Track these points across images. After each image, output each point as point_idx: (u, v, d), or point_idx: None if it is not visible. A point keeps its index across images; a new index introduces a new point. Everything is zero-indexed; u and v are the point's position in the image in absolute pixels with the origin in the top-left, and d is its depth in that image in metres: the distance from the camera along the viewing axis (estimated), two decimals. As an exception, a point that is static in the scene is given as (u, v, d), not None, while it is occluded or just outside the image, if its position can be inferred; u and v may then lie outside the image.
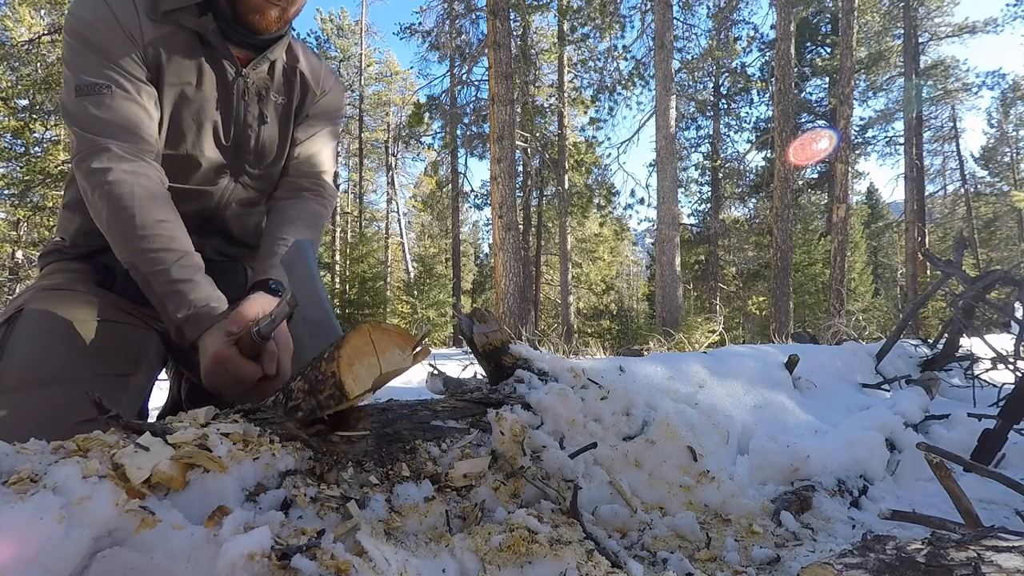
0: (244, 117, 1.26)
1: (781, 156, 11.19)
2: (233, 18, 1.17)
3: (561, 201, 16.96)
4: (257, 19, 1.17)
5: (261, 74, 1.28)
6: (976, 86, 20.05)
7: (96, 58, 1.09)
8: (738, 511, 1.13)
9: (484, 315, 1.37)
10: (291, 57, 1.35)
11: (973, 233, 23.18)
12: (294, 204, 1.36)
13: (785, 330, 10.29)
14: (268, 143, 1.32)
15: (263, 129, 1.29)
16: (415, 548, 0.69)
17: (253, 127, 1.28)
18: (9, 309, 1.16)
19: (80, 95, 1.08)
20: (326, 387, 0.79)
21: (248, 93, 1.26)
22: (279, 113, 1.33)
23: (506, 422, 1.01)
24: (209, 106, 1.21)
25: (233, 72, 1.22)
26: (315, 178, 1.42)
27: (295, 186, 1.40)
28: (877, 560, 0.71)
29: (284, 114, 1.34)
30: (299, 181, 1.40)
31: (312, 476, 0.76)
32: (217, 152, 1.25)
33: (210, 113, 1.22)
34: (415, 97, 19.19)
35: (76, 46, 1.10)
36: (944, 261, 3.42)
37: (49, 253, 1.29)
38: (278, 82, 1.32)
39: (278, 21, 1.20)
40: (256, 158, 1.31)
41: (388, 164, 25.63)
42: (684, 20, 15.58)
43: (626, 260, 31.47)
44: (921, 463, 1.54)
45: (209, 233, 1.32)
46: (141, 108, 1.11)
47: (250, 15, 1.16)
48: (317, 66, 1.41)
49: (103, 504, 0.55)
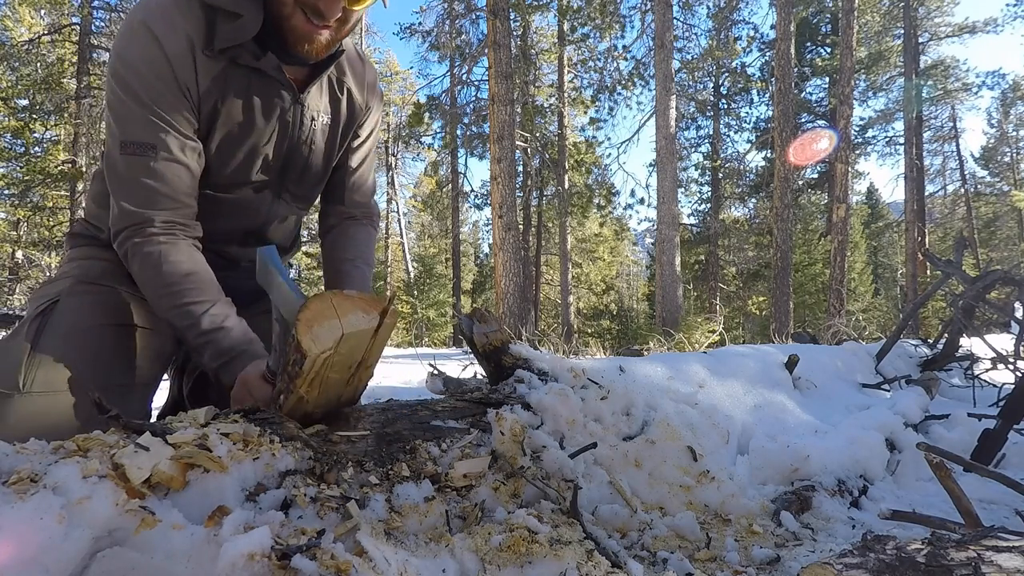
0: (296, 143, 1.24)
1: (781, 156, 11.19)
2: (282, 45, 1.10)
3: (561, 201, 16.95)
4: (307, 48, 1.08)
5: (314, 94, 1.23)
6: (976, 86, 20.04)
7: (143, 113, 1.04)
8: (738, 511, 1.13)
9: (484, 315, 1.37)
10: (338, 68, 1.27)
11: (973, 233, 23.17)
12: (353, 228, 1.42)
13: (785, 330, 10.29)
14: (314, 166, 1.30)
15: (311, 154, 1.27)
16: (415, 548, 0.69)
17: (303, 153, 1.26)
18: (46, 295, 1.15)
19: (125, 153, 1.05)
20: (290, 352, 0.82)
21: (304, 120, 1.22)
22: (326, 135, 1.29)
23: (506, 422, 1.01)
24: (262, 139, 1.19)
25: (290, 100, 1.18)
26: (367, 207, 1.45)
27: (349, 214, 1.43)
28: (877, 560, 0.71)
29: (331, 134, 1.30)
30: (353, 211, 1.43)
31: (312, 476, 0.76)
32: (262, 176, 1.24)
33: (263, 146, 1.19)
34: (415, 97, 19.17)
35: (123, 96, 1.04)
36: (944, 261, 3.42)
37: (80, 235, 1.29)
38: (326, 101, 1.28)
39: (329, 46, 1.11)
40: (299, 179, 1.30)
41: (388, 164, 25.62)
42: (684, 20, 15.57)
43: (626, 260, 31.46)
44: (921, 463, 1.54)
45: (251, 243, 1.34)
46: (185, 168, 1.09)
47: (299, 44, 1.08)
48: (362, 75, 1.33)
49: (103, 504, 0.55)
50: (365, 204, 1.45)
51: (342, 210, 1.42)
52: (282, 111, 1.18)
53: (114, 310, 1.17)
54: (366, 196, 1.45)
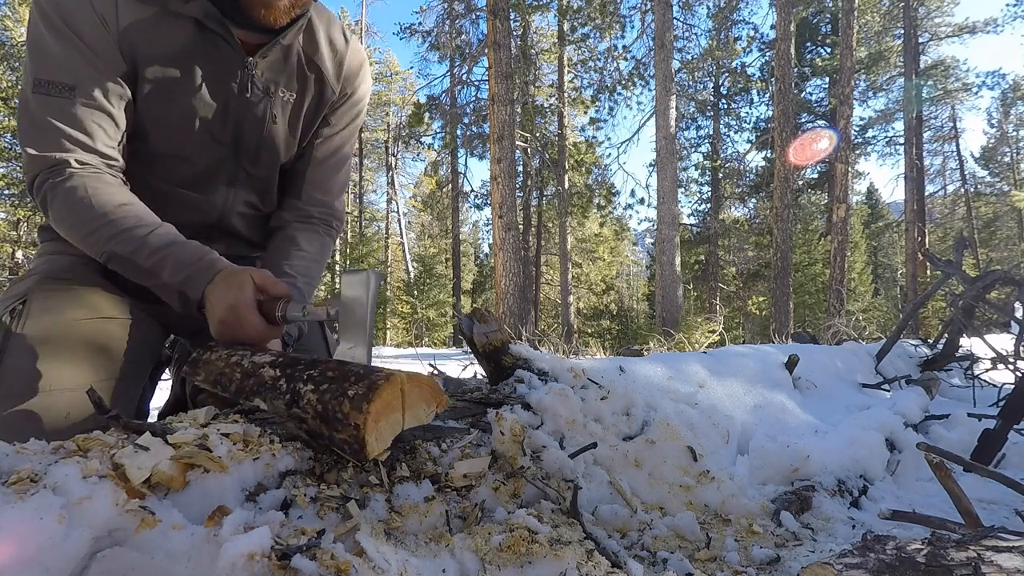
0: (246, 115, 1.11)
1: (781, 156, 11.19)
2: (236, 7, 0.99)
3: (561, 201, 16.96)
4: (263, 13, 0.99)
5: (272, 63, 1.10)
6: (976, 86, 20.06)
7: (61, 48, 0.94)
8: (738, 511, 1.13)
9: (484, 315, 1.37)
10: (310, 43, 1.14)
11: (973, 233, 23.19)
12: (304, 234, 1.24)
13: (785, 330, 10.29)
14: (270, 145, 1.16)
15: (268, 130, 1.14)
16: (415, 548, 0.69)
17: (256, 127, 1.12)
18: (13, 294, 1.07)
19: (39, 92, 0.94)
20: (344, 431, 0.71)
21: (253, 87, 1.09)
22: (287, 112, 1.16)
23: (506, 422, 1.01)
24: (201, 103, 1.05)
25: (237, 62, 1.05)
26: (326, 207, 1.29)
27: (305, 213, 1.27)
28: (877, 560, 0.71)
29: (293, 113, 1.17)
30: (309, 209, 1.27)
31: (312, 476, 0.76)
32: (210, 153, 1.12)
33: (202, 110, 1.06)
34: (415, 97, 19.19)
35: (41, 30, 0.95)
36: (944, 261, 3.42)
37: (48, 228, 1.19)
38: (290, 73, 1.13)
39: (290, 11, 1.01)
40: (254, 160, 1.17)
41: (388, 164, 25.62)
42: (684, 20, 15.58)
43: (626, 260, 31.47)
44: (921, 463, 1.54)
45: (219, 239, 1.23)
46: (107, 117, 0.99)
47: (255, 8, 0.98)
48: (341, 57, 1.19)
49: (103, 504, 0.55)
50: (325, 203, 1.28)
51: (297, 206, 1.27)
52: (225, 73, 1.05)
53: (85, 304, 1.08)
54: (329, 194, 1.28)
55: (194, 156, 1.11)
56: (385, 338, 21.40)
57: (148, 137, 1.07)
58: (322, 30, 1.17)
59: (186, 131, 1.08)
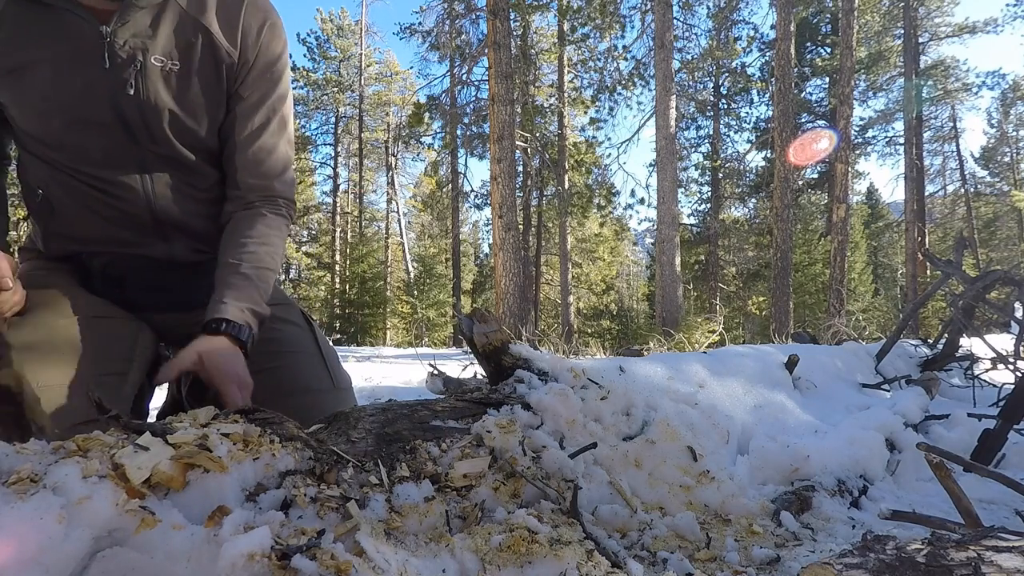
0: (116, 89, 1.02)
1: (781, 156, 11.19)
2: None
3: (561, 201, 16.95)
4: None
5: (138, 30, 1.01)
6: (976, 86, 20.06)
7: None
8: (738, 511, 1.13)
9: (484, 315, 1.37)
10: (196, 3, 1.05)
11: (973, 233, 23.18)
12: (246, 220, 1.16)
13: (785, 330, 10.29)
14: (155, 119, 1.06)
15: (145, 102, 1.04)
16: (415, 548, 0.69)
17: (131, 101, 1.03)
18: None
19: None
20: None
21: (114, 58, 1.00)
22: (171, 82, 1.05)
23: (491, 419, 1.01)
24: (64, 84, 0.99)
25: (92, 34, 0.98)
26: (265, 189, 1.19)
27: (245, 200, 1.18)
28: (877, 560, 0.71)
29: (181, 84, 1.06)
30: (248, 196, 1.18)
31: (312, 476, 0.76)
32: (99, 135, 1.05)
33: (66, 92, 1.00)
34: (415, 97, 19.19)
35: None
36: (944, 261, 3.42)
37: (27, 249, 1.21)
38: (166, 40, 1.03)
39: None
40: (152, 138, 1.08)
41: (388, 164, 25.61)
42: (684, 20, 15.57)
43: (626, 260, 31.46)
44: (921, 463, 1.54)
45: (173, 237, 1.18)
46: None
47: None
48: (236, 15, 1.09)
49: (103, 504, 0.55)
50: (263, 187, 1.18)
51: (236, 196, 1.18)
52: (84, 49, 0.98)
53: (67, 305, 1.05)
54: (266, 177, 1.18)
55: (84, 141, 1.05)
56: (385, 338, 21.40)
57: (39, 132, 1.05)
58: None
59: (63, 116, 1.02)
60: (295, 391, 1.20)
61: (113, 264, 1.18)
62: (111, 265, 1.18)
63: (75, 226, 1.14)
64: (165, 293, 1.22)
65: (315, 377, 1.26)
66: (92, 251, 1.17)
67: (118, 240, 1.15)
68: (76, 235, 1.15)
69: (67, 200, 1.12)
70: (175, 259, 1.20)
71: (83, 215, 1.12)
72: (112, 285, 1.17)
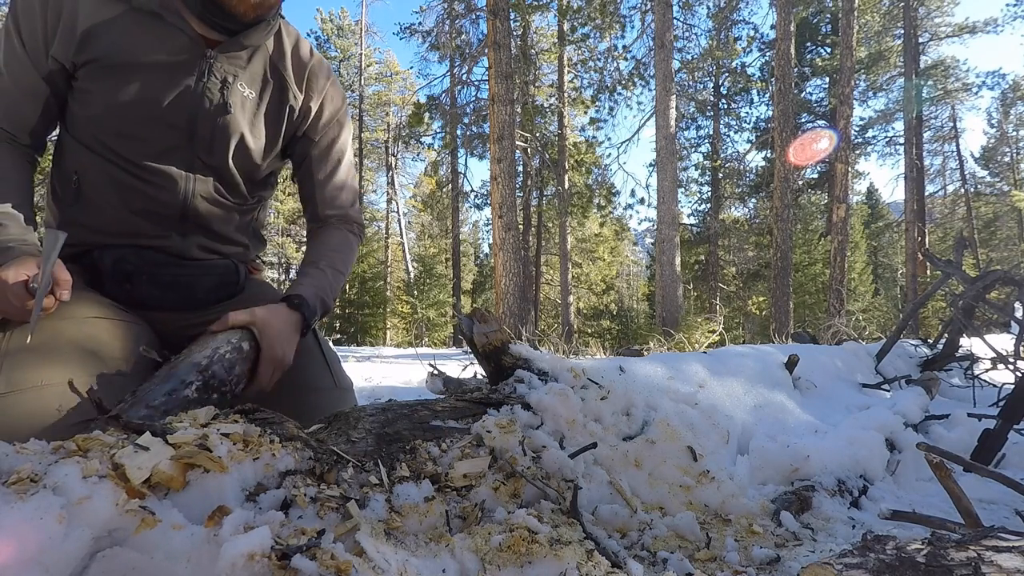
0: (201, 101, 1.16)
1: (781, 156, 11.19)
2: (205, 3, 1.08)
3: (561, 201, 16.95)
4: (234, 3, 1.07)
5: (233, 59, 1.17)
6: (976, 86, 20.05)
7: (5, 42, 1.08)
8: (738, 511, 1.13)
9: (484, 315, 1.37)
10: (277, 52, 1.24)
11: (973, 233, 23.19)
12: (324, 233, 1.40)
13: (785, 330, 10.29)
14: (223, 134, 1.21)
15: (223, 119, 1.19)
16: (415, 548, 0.69)
17: (211, 113, 1.18)
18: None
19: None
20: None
21: (210, 76, 1.15)
22: (246, 108, 1.22)
23: (491, 419, 1.01)
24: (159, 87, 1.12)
25: (195, 53, 1.12)
26: (341, 216, 1.43)
27: (324, 222, 1.41)
28: (877, 560, 0.71)
29: (251, 110, 1.23)
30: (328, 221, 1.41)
31: (312, 476, 0.76)
32: (166, 135, 1.17)
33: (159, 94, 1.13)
34: (415, 97, 19.17)
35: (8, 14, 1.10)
36: (944, 261, 3.42)
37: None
38: (252, 75, 1.21)
39: (258, 6, 1.10)
40: (208, 149, 1.21)
41: (388, 164, 25.62)
42: (684, 20, 15.57)
43: (626, 260, 31.47)
44: (921, 463, 1.54)
45: (191, 232, 1.27)
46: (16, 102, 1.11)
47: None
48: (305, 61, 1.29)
49: (103, 504, 0.55)
50: (340, 216, 1.43)
51: (316, 217, 1.43)
52: (184, 62, 1.13)
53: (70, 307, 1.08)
54: (341, 208, 1.42)
55: (150, 137, 1.16)
56: (385, 338, 21.40)
57: (108, 122, 1.14)
58: (289, 43, 1.27)
59: (144, 112, 1.14)
60: (297, 389, 1.23)
61: (124, 259, 1.21)
62: (122, 260, 1.21)
63: (97, 216, 1.19)
64: (171, 291, 1.25)
65: (317, 376, 1.31)
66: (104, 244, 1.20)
67: (136, 232, 1.19)
68: (93, 225, 1.19)
69: (101, 188, 1.18)
70: (185, 255, 1.27)
71: (111, 204, 1.18)
72: (121, 281, 1.20)
